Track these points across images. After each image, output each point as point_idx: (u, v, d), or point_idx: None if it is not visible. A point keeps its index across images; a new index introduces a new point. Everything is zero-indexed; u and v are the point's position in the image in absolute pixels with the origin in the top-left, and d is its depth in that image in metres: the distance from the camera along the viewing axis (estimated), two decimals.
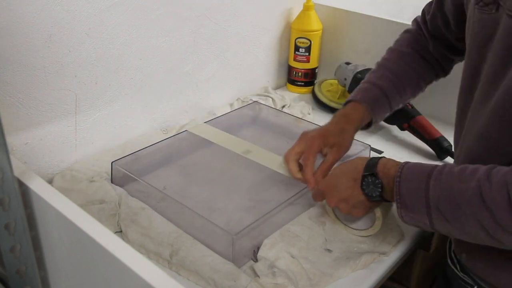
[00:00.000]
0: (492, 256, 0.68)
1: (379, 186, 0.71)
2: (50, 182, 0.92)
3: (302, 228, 0.82)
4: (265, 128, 1.15)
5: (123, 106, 1.02)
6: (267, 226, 0.80)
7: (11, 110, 0.84)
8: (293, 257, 0.76)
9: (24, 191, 0.61)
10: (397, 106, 0.92)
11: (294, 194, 0.85)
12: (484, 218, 0.58)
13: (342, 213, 0.79)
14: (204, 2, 1.09)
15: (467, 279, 0.74)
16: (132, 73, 1.01)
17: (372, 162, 0.73)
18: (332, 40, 1.35)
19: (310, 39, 1.30)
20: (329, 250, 0.79)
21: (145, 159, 0.95)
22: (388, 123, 1.15)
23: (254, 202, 0.88)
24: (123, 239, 0.79)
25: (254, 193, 0.91)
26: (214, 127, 1.06)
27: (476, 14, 0.67)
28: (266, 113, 1.18)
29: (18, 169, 0.60)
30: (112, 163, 0.91)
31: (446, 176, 0.63)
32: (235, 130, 1.09)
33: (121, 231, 0.82)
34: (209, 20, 1.12)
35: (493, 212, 0.57)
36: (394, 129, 1.15)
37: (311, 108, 1.26)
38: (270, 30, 1.30)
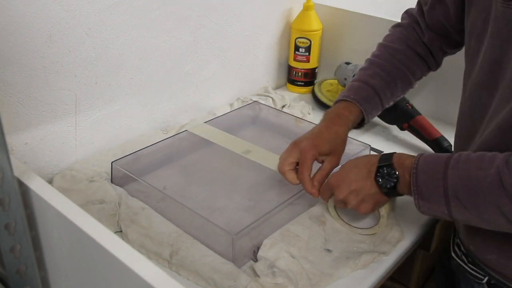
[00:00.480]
0: (505, 247, 0.68)
1: (395, 177, 0.71)
2: (50, 182, 0.92)
3: (302, 228, 0.82)
4: (265, 128, 1.15)
5: (123, 106, 1.02)
6: (267, 226, 0.80)
7: (11, 110, 0.84)
8: (293, 257, 0.76)
9: (24, 191, 0.61)
10: (387, 104, 0.92)
11: (294, 194, 0.85)
12: (504, 204, 0.59)
13: (349, 207, 0.77)
14: (204, 2, 1.09)
15: (477, 271, 0.73)
16: (132, 73, 1.01)
17: (386, 155, 0.74)
18: (332, 40, 1.35)
19: (310, 39, 1.30)
20: (329, 250, 0.79)
21: (145, 159, 0.95)
22: (388, 123, 1.15)
23: (254, 202, 0.88)
24: (123, 239, 0.79)
25: (254, 193, 0.91)
26: (214, 127, 1.06)
27: (499, 9, 0.67)
28: (266, 113, 1.18)
29: (18, 169, 0.60)
30: (112, 163, 0.91)
31: (463, 164, 0.64)
32: (235, 130, 1.09)
33: (121, 231, 0.82)
34: (209, 20, 1.12)
35: None
36: (394, 129, 1.15)
37: (311, 108, 1.26)
38: (270, 30, 1.30)
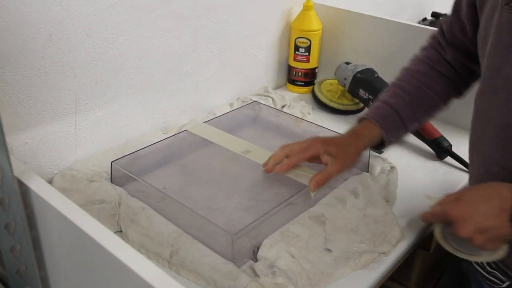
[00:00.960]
0: None
1: None
2: (50, 182, 0.92)
3: (302, 228, 0.82)
4: (265, 128, 1.15)
5: (123, 106, 1.02)
6: (267, 225, 0.80)
7: (11, 110, 0.84)
8: (293, 257, 0.76)
9: (24, 191, 0.61)
10: (412, 125, 0.89)
11: (294, 194, 0.85)
12: None
13: (473, 244, 0.67)
14: (204, 2, 1.09)
15: (496, 275, 0.72)
16: (132, 73, 1.01)
17: None
18: (332, 40, 1.36)
19: (310, 39, 1.30)
20: (329, 250, 0.79)
21: (144, 159, 0.95)
22: None
23: (254, 202, 0.88)
24: (123, 239, 0.79)
25: (254, 193, 0.91)
26: (214, 127, 1.06)
27: (504, 14, 0.66)
28: (266, 113, 1.18)
29: (18, 169, 0.60)
30: (111, 163, 0.91)
31: None
32: (235, 130, 1.09)
33: (121, 231, 0.82)
34: (209, 20, 1.12)
35: None
36: None
37: (311, 108, 1.26)
38: (270, 30, 1.30)
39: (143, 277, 0.48)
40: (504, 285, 0.71)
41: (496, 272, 0.72)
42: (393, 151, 1.09)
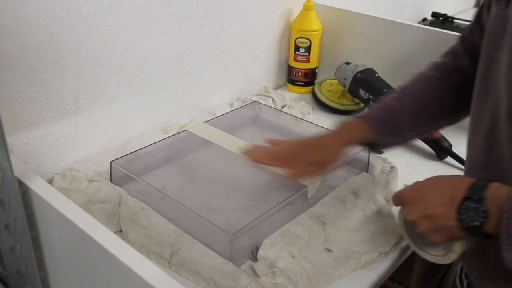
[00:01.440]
0: (505, 279, 0.64)
1: (483, 216, 0.58)
2: (50, 182, 0.92)
3: (302, 228, 0.82)
4: (265, 128, 1.15)
5: (123, 106, 1.02)
6: (266, 225, 0.80)
7: (11, 110, 0.84)
8: (293, 257, 0.76)
9: (24, 191, 0.61)
10: (411, 132, 0.85)
11: (293, 194, 0.85)
12: None
13: (417, 230, 0.67)
14: (204, 2, 1.09)
15: None
16: (132, 73, 1.01)
17: (480, 184, 0.60)
18: (332, 40, 1.36)
19: (310, 39, 1.30)
20: (329, 250, 0.79)
21: (144, 159, 0.95)
22: None
23: (253, 202, 0.88)
24: (123, 239, 0.79)
25: (253, 193, 0.91)
26: (214, 127, 1.06)
27: (495, 12, 0.64)
28: (266, 113, 1.18)
29: (18, 169, 0.60)
30: (111, 163, 0.91)
31: None
32: (235, 130, 1.09)
33: (121, 231, 0.82)
34: (209, 20, 1.12)
35: None
36: None
37: (311, 108, 1.26)
38: (270, 30, 1.30)
39: (143, 277, 0.48)
40: None
41: None
42: (393, 151, 1.09)
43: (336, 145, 0.83)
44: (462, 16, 2.12)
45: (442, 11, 2.01)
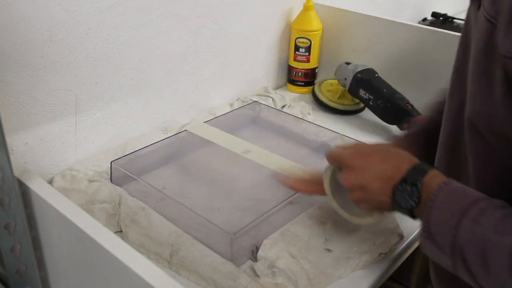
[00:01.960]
0: None
1: (415, 200, 0.58)
2: (50, 182, 0.92)
3: (302, 228, 0.82)
4: (265, 128, 1.15)
5: (123, 106, 1.02)
6: (267, 225, 0.80)
7: (11, 110, 0.84)
8: (293, 257, 0.76)
9: (24, 191, 0.61)
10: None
11: (294, 194, 0.84)
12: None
13: (348, 196, 0.68)
14: (204, 2, 1.09)
15: None
16: (132, 73, 1.01)
17: (420, 168, 0.60)
18: (332, 40, 1.36)
19: (310, 39, 1.30)
20: (329, 250, 0.79)
21: (144, 159, 0.95)
22: (388, 123, 1.15)
23: (254, 202, 0.88)
24: (123, 239, 0.79)
25: (254, 193, 0.91)
26: (214, 127, 1.06)
27: (470, 10, 0.61)
28: (266, 113, 1.18)
29: (18, 169, 0.60)
30: (111, 163, 0.91)
31: (485, 218, 0.52)
32: (235, 130, 1.09)
33: (121, 231, 0.82)
34: (209, 20, 1.12)
35: None
36: (394, 129, 1.15)
37: (311, 108, 1.26)
38: (270, 30, 1.30)
39: (143, 277, 0.48)
40: None
41: None
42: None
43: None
44: (462, 16, 2.11)
45: (442, 11, 2.01)
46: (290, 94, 1.35)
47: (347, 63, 1.23)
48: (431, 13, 2.01)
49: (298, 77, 1.35)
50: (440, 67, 1.17)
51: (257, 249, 0.77)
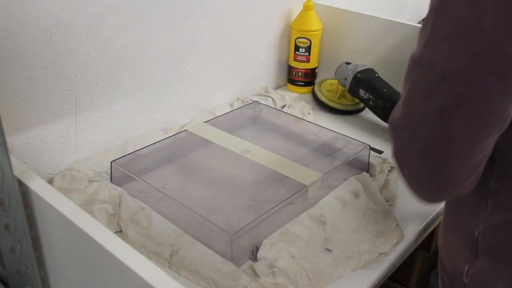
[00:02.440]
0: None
1: None
2: (50, 182, 0.92)
3: (302, 228, 0.82)
4: (265, 128, 1.15)
5: (123, 106, 1.02)
6: (267, 225, 0.80)
7: (11, 110, 0.84)
8: (293, 257, 0.76)
9: (24, 191, 0.61)
10: None
11: (294, 194, 0.85)
12: None
13: None
14: (204, 2, 1.09)
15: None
16: (132, 73, 1.01)
17: None
18: (332, 40, 1.36)
19: (310, 39, 1.30)
20: (329, 250, 0.79)
21: (144, 159, 0.96)
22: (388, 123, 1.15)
23: (254, 202, 0.88)
24: (123, 239, 0.79)
25: (254, 192, 0.91)
26: (214, 127, 1.06)
27: None
28: (266, 113, 1.18)
29: (18, 169, 0.60)
30: (111, 163, 0.91)
31: None
32: (235, 130, 1.09)
33: (121, 231, 0.82)
34: (209, 20, 1.12)
35: None
36: None
37: (311, 108, 1.26)
38: (270, 30, 1.30)
39: (143, 277, 0.48)
40: None
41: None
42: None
43: None
44: None
45: None
46: (290, 94, 1.35)
47: (347, 63, 1.23)
48: None
49: (298, 77, 1.35)
50: None
51: (257, 249, 0.77)
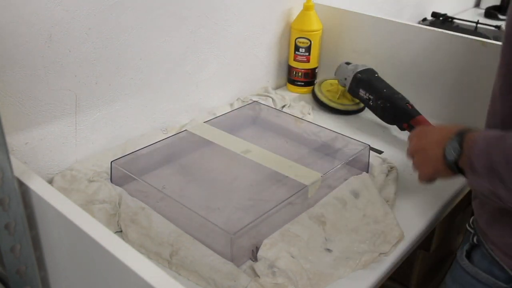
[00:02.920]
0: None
1: (457, 151, 0.70)
2: (50, 182, 0.92)
3: (302, 228, 0.82)
4: (265, 128, 1.15)
5: (123, 106, 1.02)
6: (267, 225, 0.80)
7: (11, 110, 0.84)
8: (293, 257, 0.76)
9: (24, 191, 0.61)
10: None
11: (293, 194, 0.85)
12: None
13: (412, 163, 0.79)
14: (204, 2, 1.09)
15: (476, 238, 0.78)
16: (132, 73, 1.01)
17: (464, 129, 0.71)
18: (332, 40, 1.36)
19: (310, 39, 1.30)
20: (329, 250, 0.79)
21: (144, 159, 0.96)
22: (388, 123, 1.15)
23: (254, 202, 0.88)
24: (123, 239, 0.79)
25: (254, 192, 0.91)
26: (214, 127, 1.06)
27: None
28: (266, 113, 1.18)
29: (18, 169, 0.60)
30: (111, 163, 0.91)
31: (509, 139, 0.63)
32: (235, 130, 1.09)
33: (121, 231, 0.82)
34: (209, 20, 1.12)
35: None
36: (394, 129, 1.15)
37: (311, 108, 1.26)
38: (270, 30, 1.30)
39: (143, 277, 0.48)
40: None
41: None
42: (393, 151, 1.09)
43: None
44: (462, 16, 2.12)
45: (442, 11, 2.01)
46: (290, 94, 1.35)
47: (347, 63, 1.23)
48: (431, 13, 2.02)
49: (298, 77, 1.35)
50: (440, 67, 1.18)
51: (257, 249, 0.77)
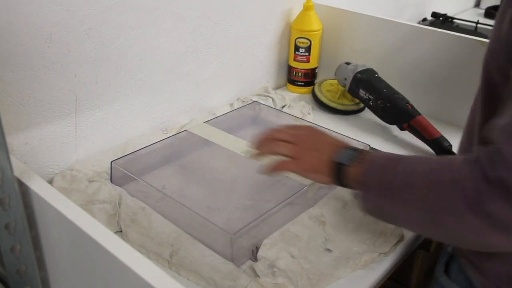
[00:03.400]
0: None
1: (355, 157, 0.69)
2: (50, 182, 0.92)
3: (302, 228, 0.82)
4: (265, 128, 1.15)
5: (123, 106, 1.02)
6: (267, 225, 0.80)
7: (11, 110, 0.84)
8: (293, 257, 0.76)
9: (24, 191, 0.61)
10: None
11: (293, 194, 0.85)
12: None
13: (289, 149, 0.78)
14: (204, 2, 1.09)
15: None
16: (132, 73, 1.01)
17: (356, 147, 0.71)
18: (332, 40, 1.36)
19: (310, 39, 1.30)
20: (329, 250, 0.79)
21: (144, 159, 0.96)
22: (388, 123, 1.15)
23: (254, 202, 0.88)
24: (123, 239, 0.79)
25: (254, 192, 0.91)
26: (214, 127, 1.06)
27: None
28: (266, 113, 1.18)
29: (18, 169, 0.60)
30: (111, 163, 0.91)
31: (414, 162, 0.64)
32: (235, 130, 1.09)
33: (121, 231, 0.82)
34: (209, 20, 1.12)
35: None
36: (394, 129, 1.15)
37: (311, 108, 1.26)
38: (270, 30, 1.30)
39: (143, 277, 0.48)
40: None
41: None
42: (393, 151, 1.08)
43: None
44: (462, 16, 2.12)
45: (442, 11, 2.01)
46: (290, 94, 1.35)
47: (347, 63, 1.23)
48: (431, 13, 2.02)
49: (298, 77, 1.35)
50: (440, 67, 1.18)
51: (257, 249, 0.77)
